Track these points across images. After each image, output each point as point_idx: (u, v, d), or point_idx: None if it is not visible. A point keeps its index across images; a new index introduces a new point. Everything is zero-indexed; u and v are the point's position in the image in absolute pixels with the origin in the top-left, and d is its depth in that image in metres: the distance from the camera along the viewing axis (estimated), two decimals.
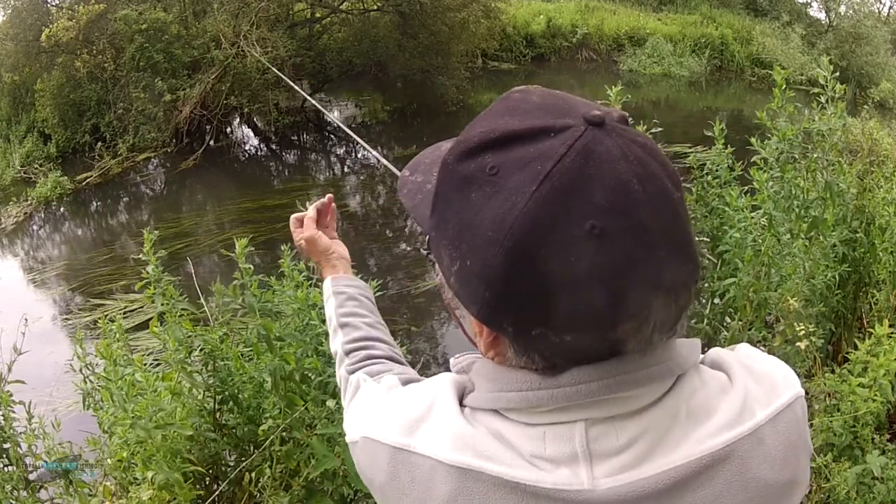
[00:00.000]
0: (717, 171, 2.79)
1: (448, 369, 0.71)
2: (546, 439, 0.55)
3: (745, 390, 0.57)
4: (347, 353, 0.95)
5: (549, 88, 0.57)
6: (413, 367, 1.02)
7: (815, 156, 2.62)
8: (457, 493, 0.57)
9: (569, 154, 0.48)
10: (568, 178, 0.48)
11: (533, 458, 0.55)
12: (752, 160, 2.75)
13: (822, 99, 2.60)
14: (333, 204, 1.18)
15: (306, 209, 1.15)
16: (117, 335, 2.26)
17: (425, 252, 0.62)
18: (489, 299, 0.51)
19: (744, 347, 0.65)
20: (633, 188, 0.48)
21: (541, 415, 0.55)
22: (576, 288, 0.48)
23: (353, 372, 0.90)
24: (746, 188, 2.80)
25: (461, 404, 0.61)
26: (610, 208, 0.47)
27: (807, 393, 2.35)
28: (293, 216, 1.15)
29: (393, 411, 0.65)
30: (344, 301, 1.02)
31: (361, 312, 1.02)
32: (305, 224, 1.13)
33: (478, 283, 0.51)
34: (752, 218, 2.53)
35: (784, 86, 2.58)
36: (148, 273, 2.09)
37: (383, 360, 0.94)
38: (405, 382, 0.74)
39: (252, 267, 2.19)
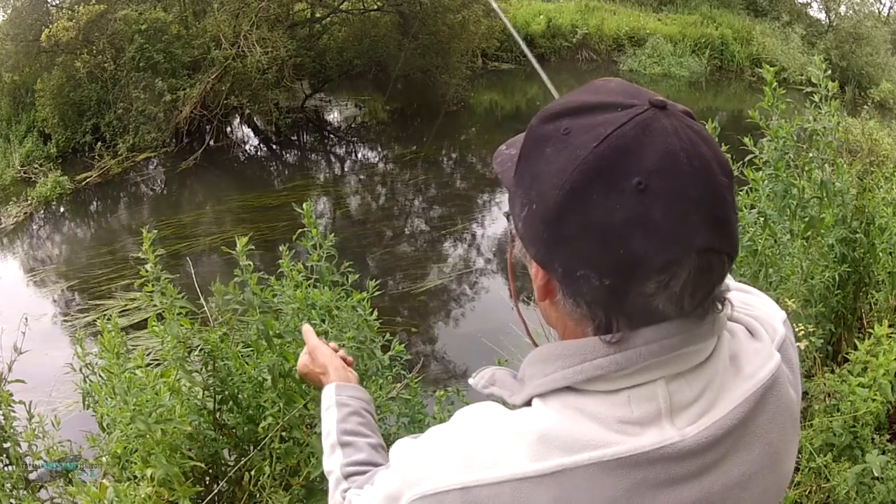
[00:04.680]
0: None
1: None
2: (631, 403, 0.58)
3: (762, 334, 0.68)
4: (347, 476, 0.86)
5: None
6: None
7: (811, 155, 2.62)
8: (556, 502, 0.56)
9: (629, 123, 0.56)
10: (625, 141, 0.55)
11: (621, 424, 0.58)
12: (746, 160, 2.76)
13: (816, 98, 2.60)
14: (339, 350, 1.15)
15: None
16: (114, 333, 2.26)
17: (505, 214, 0.68)
18: (546, 238, 0.58)
19: (737, 297, 0.72)
20: (679, 159, 0.55)
21: (621, 379, 0.59)
22: (616, 232, 0.54)
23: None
24: (745, 188, 2.80)
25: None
26: (655, 170, 0.54)
27: (807, 393, 2.36)
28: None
29: (441, 457, 0.61)
30: (347, 416, 0.94)
31: (365, 432, 0.94)
32: (310, 338, 1.12)
33: (538, 224, 0.58)
34: (746, 217, 2.53)
35: (774, 84, 2.58)
36: (146, 271, 2.09)
37: None
38: None
39: (251, 264, 2.19)
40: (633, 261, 0.54)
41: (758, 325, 0.69)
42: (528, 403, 0.62)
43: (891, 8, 20.49)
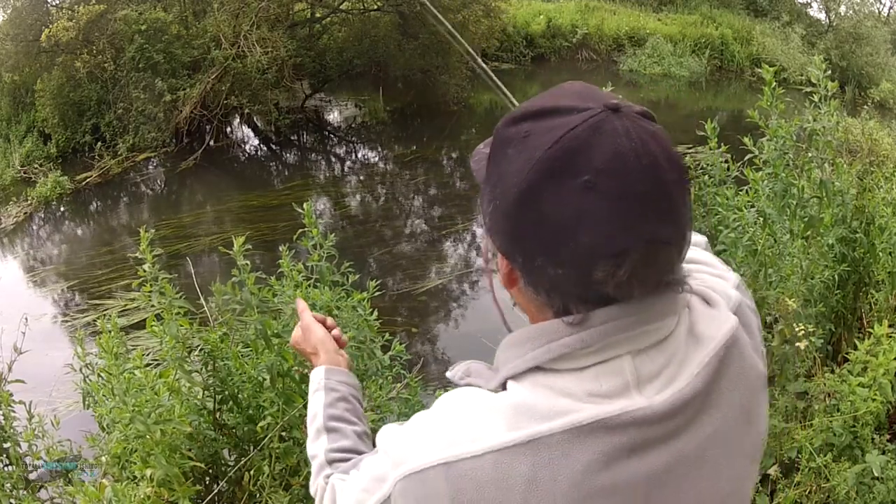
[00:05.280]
0: (711, 170, 2.80)
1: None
2: (599, 377, 0.62)
3: (717, 301, 0.71)
4: (331, 462, 0.87)
5: (591, 84, 0.69)
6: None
7: (810, 154, 2.62)
8: (536, 469, 0.59)
9: (581, 126, 0.60)
10: (576, 142, 0.59)
11: (590, 396, 0.62)
12: (745, 159, 2.75)
13: (816, 98, 2.60)
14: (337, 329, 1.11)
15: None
16: (113, 333, 2.26)
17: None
18: (507, 230, 0.63)
19: (693, 269, 0.77)
20: (627, 158, 0.59)
21: (587, 356, 0.63)
22: (566, 225, 0.59)
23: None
24: (745, 188, 2.80)
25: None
26: (604, 168, 0.59)
27: (807, 393, 2.36)
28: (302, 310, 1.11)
29: (424, 437, 0.65)
30: (335, 401, 0.94)
31: (351, 419, 0.94)
32: (304, 315, 1.09)
33: (501, 217, 0.63)
34: (746, 217, 2.53)
35: (773, 83, 2.58)
36: (144, 271, 2.09)
37: None
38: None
39: (249, 263, 2.19)
40: (583, 251, 0.59)
41: (712, 294, 0.72)
42: (504, 387, 0.66)
43: (891, 8, 20.51)
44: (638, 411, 0.61)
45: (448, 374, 0.74)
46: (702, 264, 0.81)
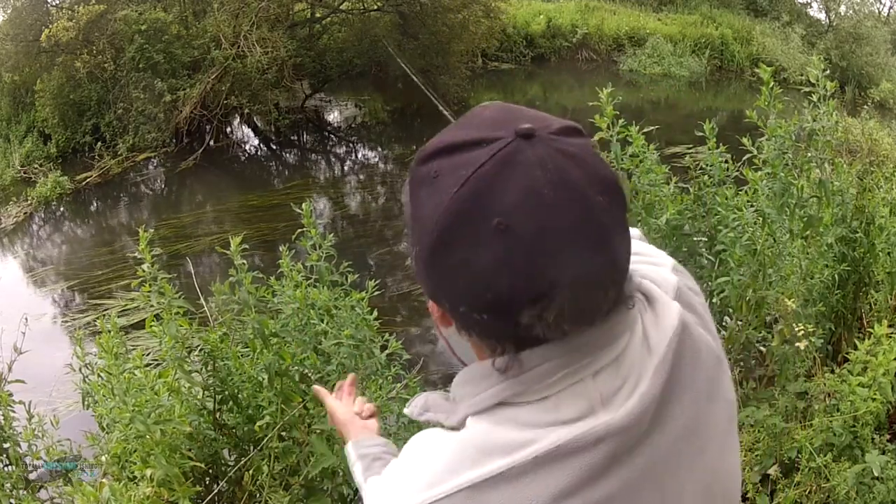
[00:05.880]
0: (710, 170, 2.80)
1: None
2: (560, 406, 0.60)
3: (657, 294, 0.69)
4: None
5: (509, 104, 0.64)
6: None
7: (809, 154, 2.62)
8: (506, 503, 0.58)
9: (489, 161, 0.56)
10: (483, 181, 0.55)
11: (553, 424, 0.60)
12: (744, 159, 2.75)
13: (814, 97, 2.60)
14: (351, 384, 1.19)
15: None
16: (112, 333, 2.26)
17: None
18: (427, 277, 0.61)
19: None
20: (542, 192, 0.55)
21: (549, 388, 0.60)
22: (483, 274, 0.56)
23: None
24: (745, 187, 2.80)
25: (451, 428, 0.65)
26: (516, 208, 0.54)
27: (807, 393, 2.36)
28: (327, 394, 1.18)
29: (398, 486, 0.66)
30: (370, 463, 1.00)
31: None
32: (333, 397, 1.16)
33: (421, 264, 0.60)
34: (745, 216, 2.53)
35: (771, 83, 2.58)
36: (144, 271, 2.09)
37: None
38: None
39: (246, 263, 2.19)
40: (502, 299, 0.56)
41: (652, 288, 0.69)
42: (465, 423, 0.65)
43: (891, 8, 20.50)
44: (601, 427, 0.59)
45: (406, 410, 0.75)
46: (637, 255, 0.77)
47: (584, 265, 0.56)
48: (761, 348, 2.64)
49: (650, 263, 0.75)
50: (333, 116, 12.69)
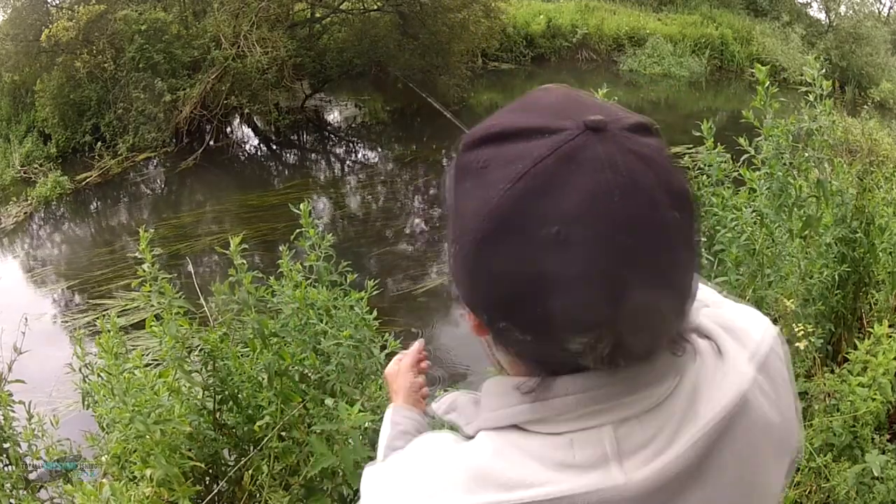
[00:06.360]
0: (708, 170, 2.80)
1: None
2: (574, 446, 0.53)
3: (734, 352, 0.60)
4: None
5: (575, 90, 0.55)
6: None
7: (807, 154, 2.62)
8: None
9: (550, 157, 0.48)
10: (542, 179, 0.47)
11: (561, 466, 0.53)
12: (743, 159, 2.76)
13: (811, 97, 2.60)
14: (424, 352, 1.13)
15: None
16: (112, 333, 2.27)
17: None
18: (466, 283, 0.53)
19: (713, 304, 0.66)
20: (610, 199, 0.46)
21: (564, 423, 0.54)
22: (531, 290, 0.48)
23: None
24: (744, 187, 2.80)
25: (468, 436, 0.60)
26: (578, 215, 0.46)
27: (807, 393, 2.36)
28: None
29: (390, 491, 0.61)
30: (399, 433, 0.96)
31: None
32: (402, 361, 1.12)
33: (461, 267, 0.52)
34: (743, 216, 2.53)
35: (766, 83, 2.58)
36: (144, 271, 2.09)
37: None
38: None
39: (245, 263, 2.19)
40: (552, 321, 0.48)
41: (726, 341, 0.60)
42: (476, 435, 0.61)
43: (891, 8, 20.50)
44: (610, 490, 0.52)
45: (434, 405, 0.68)
46: (719, 304, 0.68)
47: (650, 291, 0.48)
48: None
49: (738, 315, 0.65)
50: (333, 116, 12.69)
